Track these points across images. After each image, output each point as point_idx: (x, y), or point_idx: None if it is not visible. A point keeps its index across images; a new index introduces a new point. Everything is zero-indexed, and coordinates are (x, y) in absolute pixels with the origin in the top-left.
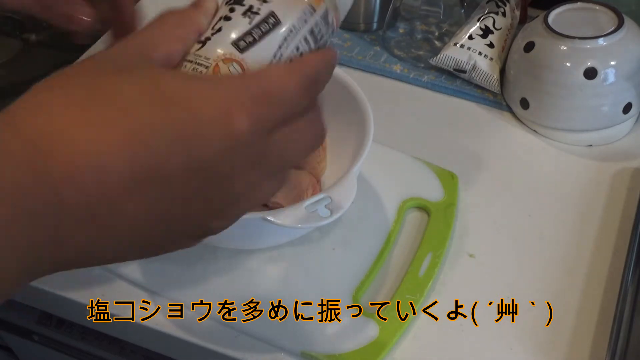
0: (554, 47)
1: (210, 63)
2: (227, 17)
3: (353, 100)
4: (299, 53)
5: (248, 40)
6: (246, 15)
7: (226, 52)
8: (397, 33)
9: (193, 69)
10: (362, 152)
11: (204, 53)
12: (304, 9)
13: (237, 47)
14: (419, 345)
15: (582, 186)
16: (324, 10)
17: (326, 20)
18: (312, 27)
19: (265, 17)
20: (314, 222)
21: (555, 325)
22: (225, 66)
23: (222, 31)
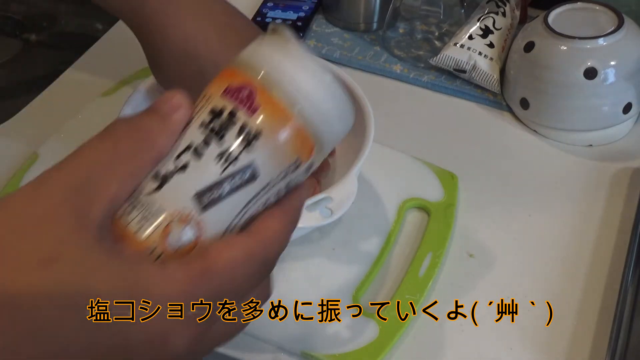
0: (554, 47)
1: (162, 220)
2: (197, 151)
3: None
4: (265, 207)
5: (215, 194)
6: (221, 159)
7: (184, 209)
8: (397, 33)
9: (140, 219)
10: (363, 153)
11: (157, 201)
12: (289, 164)
13: (199, 203)
14: (419, 345)
15: (582, 186)
16: (310, 163)
17: (307, 172)
18: (290, 180)
19: (243, 168)
20: (314, 222)
21: (555, 325)
22: (179, 228)
23: (186, 172)
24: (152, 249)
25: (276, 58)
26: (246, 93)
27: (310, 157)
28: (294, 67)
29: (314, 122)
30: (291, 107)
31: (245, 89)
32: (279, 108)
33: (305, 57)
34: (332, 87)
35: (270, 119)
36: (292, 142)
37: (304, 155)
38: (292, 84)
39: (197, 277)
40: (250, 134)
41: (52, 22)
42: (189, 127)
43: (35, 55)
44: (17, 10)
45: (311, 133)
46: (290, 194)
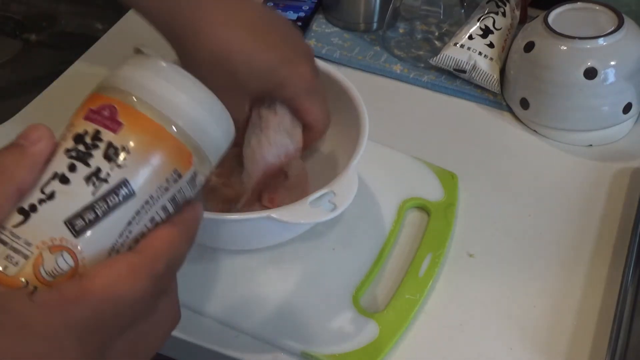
0: (554, 47)
1: (30, 252)
2: (65, 177)
3: (347, 98)
4: (154, 224)
5: (88, 218)
6: (90, 181)
7: (55, 236)
8: (397, 33)
9: (6, 257)
10: (360, 146)
11: (24, 234)
12: (167, 176)
13: (72, 229)
14: (419, 345)
15: (582, 186)
16: (192, 173)
17: (193, 183)
18: (175, 194)
19: (116, 186)
20: (319, 217)
21: (555, 325)
22: (52, 257)
23: (54, 200)
24: (25, 284)
25: (134, 74)
26: (107, 113)
27: (190, 166)
28: (153, 80)
29: (183, 130)
30: (156, 118)
31: (105, 109)
32: (143, 121)
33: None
34: (198, 93)
35: (136, 133)
36: (164, 153)
37: (182, 165)
38: (153, 96)
39: (72, 302)
40: (117, 151)
41: (52, 22)
42: (54, 158)
43: (35, 55)
44: (17, 10)
45: (184, 142)
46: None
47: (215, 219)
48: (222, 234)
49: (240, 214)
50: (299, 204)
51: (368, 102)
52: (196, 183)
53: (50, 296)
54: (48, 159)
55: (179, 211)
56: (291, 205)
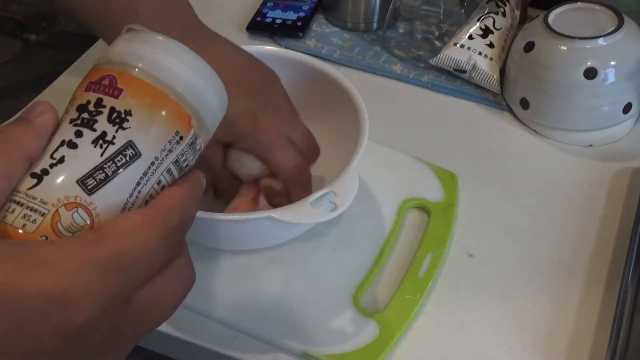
0: (554, 47)
1: (47, 209)
2: (72, 143)
3: (347, 98)
4: (161, 187)
5: (99, 177)
6: (97, 144)
7: (69, 195)
8: (397, 33)
9: (24, 216)
10: (360, 146)
11: (39, 194)
12: (169, 137)
13: (85, 188)
14: (419, 345)
15: (582, 186)
16: (192, 136)
17: (193, 148)
18: (178, 157)
19: (122, 148)
20: (320, 217)
21: (555, 325)
22: (68, 214)
23: (64, 163)
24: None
25: (129, 46)
26: (107, 82)
27: (190, 129)
28: (147, 47)
29: (182, 94)
30: (155, 83)
31: (105, 79)
32: (143, 86)
33: (159, 40)
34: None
35: (136, 97)
36: (165, 114)
37: (183, 127)
38: (148, 62)
39: (92, 243)
40: (120, 115)
41: (52, 22)
42: (60, 128)
43: (35, 55)
44: (17, 10)
45: (182, 105)
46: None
47: (215, 219)
48: (223, 234)
49: (241, 214)
50: (300, 204)
51: (368, 102)
52: (196, 148)
53: (71, 240)
54: (53, 130)
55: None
56: (292, 206)
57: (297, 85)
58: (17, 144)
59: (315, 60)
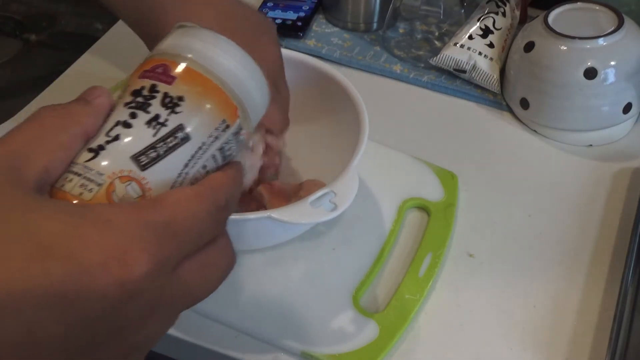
0: (554, 47)
1: (103, 180)
2: (127, 123)
3: (346, 97)
4: (205, 171)
5: (151, 155)
6: (151, 125)
7: (124, 169)
8: (397, 33)
9: (81, 185)
10: (360, 146)
11: (96, 166)
12: (217, 124)
13: (138, 163)
14: (419, 345)
15: (582, 186)
16: (237, 126)
17: (237, 138)
18: (223, 145)
19: (173, 130)
20: (320, 217)
21: (555, 325)
22: (122, 186)
23: (119, 140)
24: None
25: (181, 39)
26: (161, 70)
27: (236, 119)
28: (198, 41)
29: (230, 85)
30: (205, 74)
31: (159, 67)
32: (194, 75)
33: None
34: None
35: (188, 85)
36: (214, 104)
37: (230, 117)
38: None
39: (147, 208)
40: (172, 100)
41: (52, 22)
42: (115, 111)
43: (35, 55)
44: (17, 10)
45: (230, 95)
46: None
47: None
48: None
49: (240, 214)
50: (300, 204)
51: (368, 102)
52: (240, 139)
53: (128, 205)
54: (108, 112)
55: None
56: (291, 206)
57: (298, 84)
58: (76, 119)
59: (316, 60)
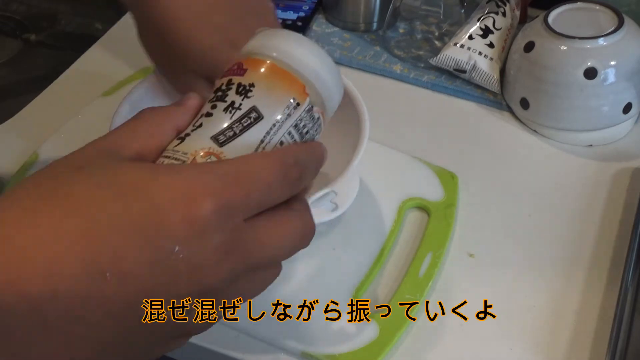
0: (554, 47)
1: (187, 157)
2: (209, 113)
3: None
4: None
5: (228, 134)
6: (227, 110)
7: (205, 146)
8: (397, 33)
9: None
10: (361, 145)
11: (181, 148)
12: (287, 103)
13: (217, 141)
14: (419, 345)
15: (582, 186)
16: (308, 104)
17: (311, 115)
18: (297, 121)
19: (247, 112)
20: (321, 217)
21: (555, 325)
22: (203, 160)
23: (202, 127)
24: None
25: (251, 41)
26: (235, 67)
27: (305, 97)
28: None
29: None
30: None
31: (234, 66)
32: (260, 63)
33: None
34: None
35: (256, 73)
36: (281, 84)
37: (299, 95)
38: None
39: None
40: (245, 87)
41: (52, 22)
42: (202, 108)
43: (35, 55)
44: (17, 10)
45: (295, 75)
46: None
47: None
48: None
49: None
50: None
51: (368, 102)
52: (314, 116)
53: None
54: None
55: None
56: None
57: None
58: (170, 117)
59: None
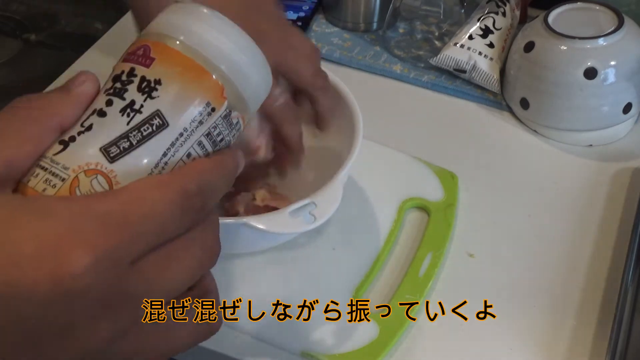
0: (554, 47)
1: (67, 175)
2: (102, 111)
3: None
4: (191, 160)
5: (123, 145)
6: (125, 112)
7: (91, 161)
8: (397, 33)
9: (45, 180)
10: (349, 158)
11: (62, 160)
12: (200, 109)
13: (107, 155)
14: (419, 345)
15: (582, 186)
16: (225, 109)
17: (228, 121)
18: (210, 130)
19: (149, 117)
20: (297, 228)
21: (555, 325)
22: (87, 180)
23: (91, 130)
24: None
25: (166, 17)
26: (141, 52)
27: (223, 101)
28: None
29: (213, 63)
30: (186, 52)
31: (140, 49)
32: (174, 55)
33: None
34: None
35: (166, 66)
36: (196, 85)
37: (215, 98)
38: (182, 32)
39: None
40: (150, 84)
41: (52, 22)
42: (96, 98)
43: (35, 55)
44: (17, 10)
45: (214, 75)
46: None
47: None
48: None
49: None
50: (278, 213)
51: (368, 102)
52: (232, 122)
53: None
54: (91, 100)
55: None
56: (270, 214)
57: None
58: (52, 111)
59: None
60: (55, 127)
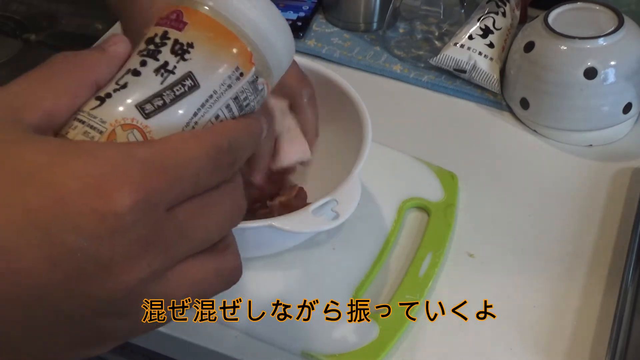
0: (554, 47)
1: (105, 128)
2: (136, 71)
3: (349, 102)
4: (219, 121)
5: (157, 103)
6: (159, 73)
7: (127, 116)
8: (397, 33)
9: (84, 133)
10: (363, 153)
11: (100, 114)
12: (229, 73)
13: (142, 112)
14: (419, 345)
15: (582, 186)
16: (253, 75)
17: (255, 87)
18: (237, 94)
19: (181, 78)
20: (322, 226)
21: (555, 325)
22: (124, 133)
23: (127, 88)
24: None
25: None
26: (174, 16)
27: (251, 67)
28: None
29: (243, 29)
30: (217, 17)
31: (173, 14)
32: (206, 20)
33: None
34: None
35: (199, 30)
36: (226, 49)
37: (244, 64)
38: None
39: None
40: (182, 47)
41: (52, 22)
42: (129, 59)
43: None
44: (17, 10)
45: (245, 42)
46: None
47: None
48: None
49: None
50: (301, 212)
51: (368, 102)
52: (258, 88)
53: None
54: (124, 60)
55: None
56: (293, 214)
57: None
58: (88, 68)
59: (317, 64)
60: (91, 83)
